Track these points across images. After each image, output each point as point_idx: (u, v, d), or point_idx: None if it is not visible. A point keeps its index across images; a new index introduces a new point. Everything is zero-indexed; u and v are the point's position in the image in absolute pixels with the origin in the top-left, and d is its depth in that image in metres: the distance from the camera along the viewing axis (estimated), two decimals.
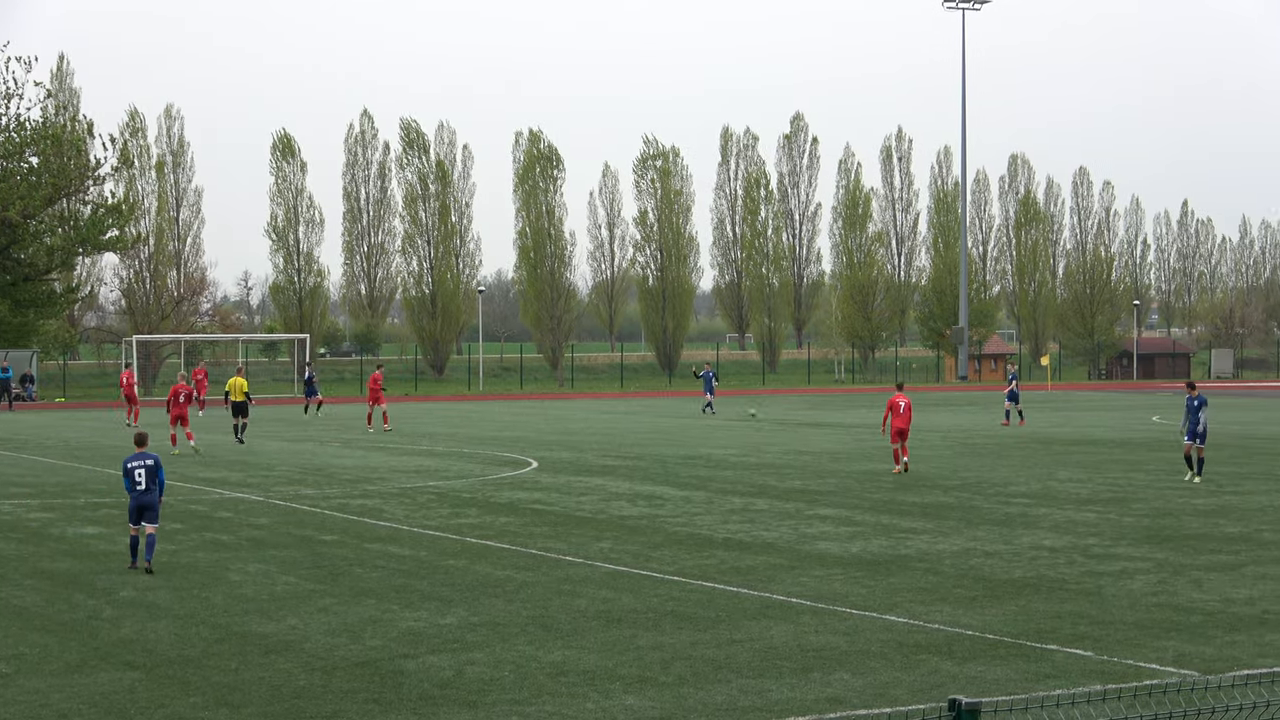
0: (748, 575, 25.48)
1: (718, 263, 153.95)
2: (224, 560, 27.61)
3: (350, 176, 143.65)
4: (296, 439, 59.87)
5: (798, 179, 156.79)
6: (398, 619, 21.76)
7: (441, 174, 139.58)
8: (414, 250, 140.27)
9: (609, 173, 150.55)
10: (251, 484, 41.59)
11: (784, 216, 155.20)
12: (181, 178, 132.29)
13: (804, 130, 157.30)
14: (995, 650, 19.56)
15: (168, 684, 18.03)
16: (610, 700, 17.10)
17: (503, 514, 34.27)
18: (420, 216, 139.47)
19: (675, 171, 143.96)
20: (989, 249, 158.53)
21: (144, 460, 25.96)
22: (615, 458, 49.40)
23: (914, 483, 40.66)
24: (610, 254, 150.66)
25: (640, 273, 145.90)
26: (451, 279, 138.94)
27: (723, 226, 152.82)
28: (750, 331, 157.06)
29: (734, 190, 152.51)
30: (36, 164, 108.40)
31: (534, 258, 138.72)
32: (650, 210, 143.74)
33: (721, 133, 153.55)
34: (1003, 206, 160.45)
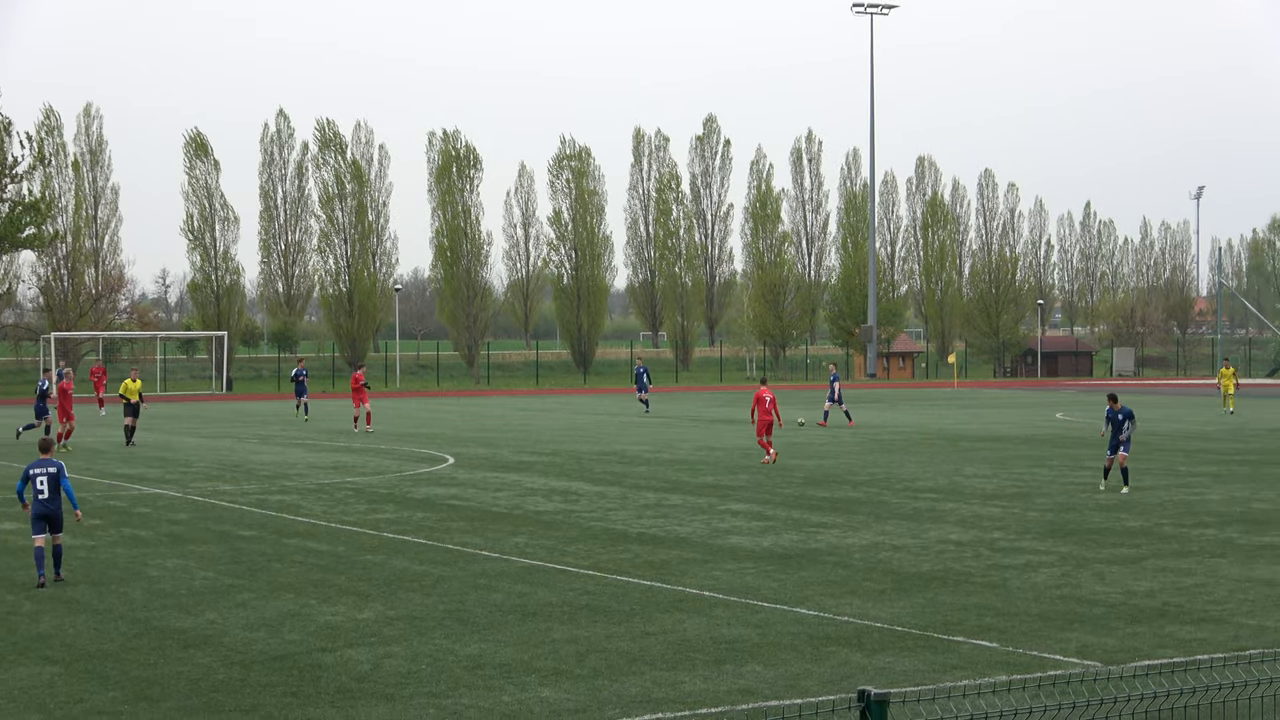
0: (661, 569, 25.53)
1: (631, 262, 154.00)
2: (142, 556, 27.44)
3: (266, 175, 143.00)
4: (214, 435, 59.56)
5: (710, 180, 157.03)
6: (316, 613, 21.69)
7: (357, 173, 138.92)
8: (331, 249, 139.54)
9: (525, 172, 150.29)
10: (170, 480, 41.34)
11: (696, 216, 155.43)
12: (99, 176, 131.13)
13: (716, 132, 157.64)
14: (903, 642, 19.68)
15: (87, 678, 17.92)
16: (526, 693, 17.11)
17: (420, 509, 34.21)
18: (337, 215, 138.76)
19: (589, 171, 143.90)
20: (897, 249, 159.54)
21: (47, 468, 24.19)
22: (531, 454, 49.38)
23: (824, 478, 40.83)
24: (526, 253, 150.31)
25: (555, 271, 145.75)
26: (368, 277, 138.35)
27: (636, 226, 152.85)
28: (664, 329, 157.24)
29: (647, 190, 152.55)
30: None
31: (450, 256, 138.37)
32: (565, 210, 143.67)
33: (634, 134, 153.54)
34: (910, 207, 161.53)
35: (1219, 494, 36.80)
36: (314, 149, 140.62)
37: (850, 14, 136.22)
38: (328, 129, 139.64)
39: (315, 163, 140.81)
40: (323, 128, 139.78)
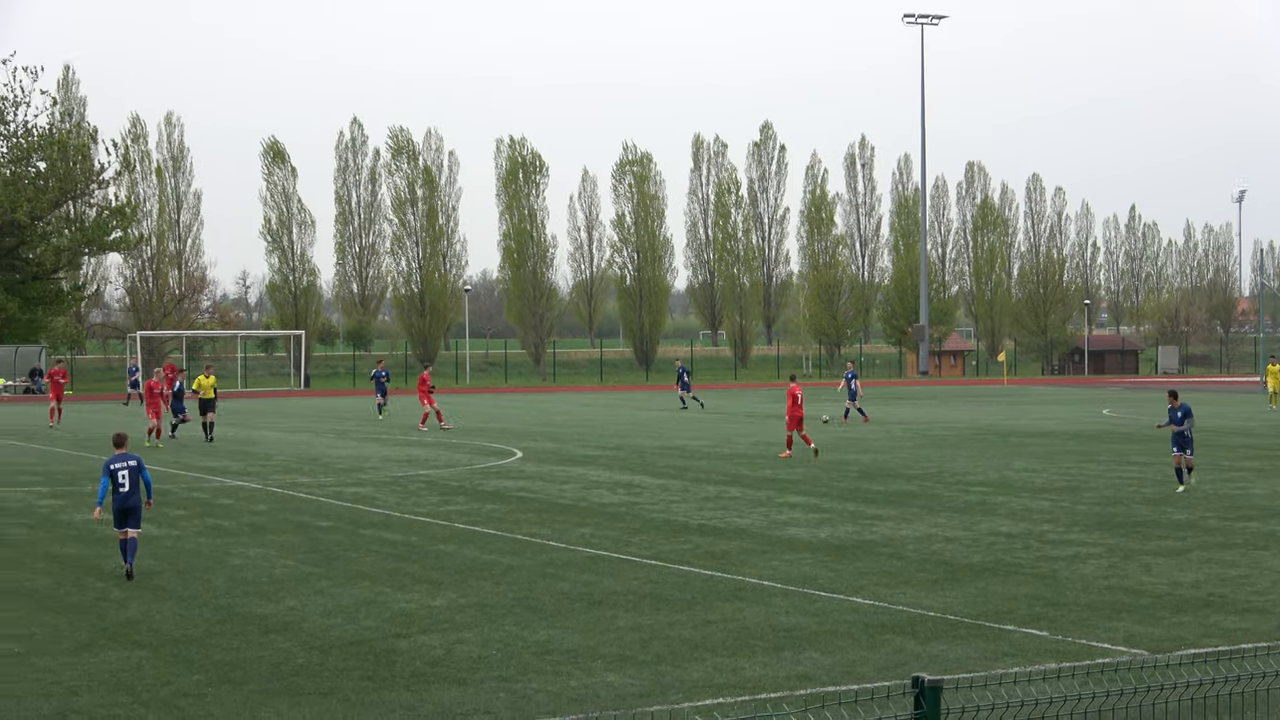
0: (722, 559, 25.52)
1: (691, 263, 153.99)
2: (225, 545, 27.59)
3: (341, 181, 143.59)
4: (292, 430, 59.82)
5: (767, 184, 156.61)
6: (391, 601, 21.77)
7: (429, 179, 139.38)
8: (403, 251, 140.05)
9: (588, 178, 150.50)
10: (251, 473, 41.55)
11: (754, 220, 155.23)
12: (181, 181, 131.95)
13: (773, 138, 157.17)
14: (956, 631, 19.62)
15: (172, 662, 18.03)
16: (592, 677, 17.14)
17: (489, 501, 34.28)
18: (408, 220, 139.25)
19: (651, 176, 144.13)
20: (948, 251, 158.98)
21: (127, 462, 23.90)
22: (596, 448, 49.41)
23: (878, 472, 40.72)
24: (589, 255, 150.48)
25: (618, 273, 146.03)
26: (439, 278, 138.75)
27: (696, 229, 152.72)
28: (723, 328, 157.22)
29: (706, 195, 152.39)
30: (44, 168, 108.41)
31: (517, 258, 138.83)
32: (627, 213, 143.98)
33: (694, 140, 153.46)
34: (960, 211, 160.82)
35: (1263, 488, 36.54)
36: (387, 156, 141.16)
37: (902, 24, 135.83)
38: (400, 136, 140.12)
39: (388, 169, 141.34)
40: (395, 135, 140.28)
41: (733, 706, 15.79)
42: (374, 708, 15.91)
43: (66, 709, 15.86)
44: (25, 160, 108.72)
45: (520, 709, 15.81)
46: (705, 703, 15.98)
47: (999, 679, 13.53)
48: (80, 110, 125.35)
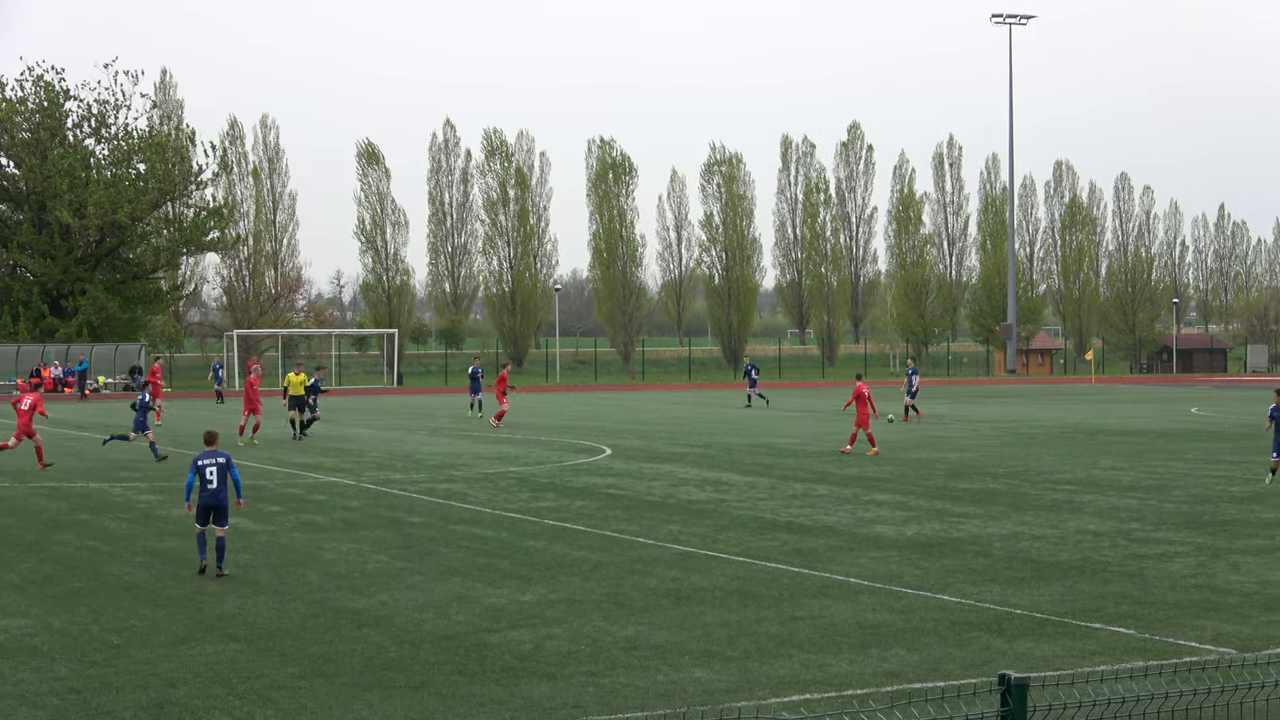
0: (809, 556, 25.45)
1: (779, 262, 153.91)
2: (319, 540, 27.76)
3: (434, 182, 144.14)
4: (385, 427, 60.14)
5: (854, 184, 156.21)
6: (481, 596, 21.83)
7: (521, 180, 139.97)
8: (494, 251, 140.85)
9: (677, 178, 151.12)
10: (344, 469, 41.79)
11: (841, 219, 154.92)
12: (277, 182, 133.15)
13: (860, 138, 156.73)
14: (1043, 628, 19.48)
15: (267, 655, 18.15)
16: (680, 673, 17.12)
17: (579, 498, 34.33)
18: (500, 220, 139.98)
19: (739, 177, 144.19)
20: (1035, 250, 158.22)
21: (215, 458, 23.73)
22: (684, 446, 49.40)
23: (965, 470, 40.50)
24: (678, 254, 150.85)
25: (706, 272, 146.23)
26: (530, 278, 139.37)
27: (784, 228, 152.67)
28: (810, 327, 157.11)
29: (794, 194, 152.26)
30: (143, 170, 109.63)
31: (607, 258, 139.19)
32: (716, 213, 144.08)
33: (782, 140, 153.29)
34: (1048, 210, 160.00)
35: None
36: (480, 157, 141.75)
37: (990, 24, 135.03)
38: (494, 138, 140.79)
39: (481, 170, 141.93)
40: (489, 137, 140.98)
41: (819, 703, 15.73)
42: (464, 701, 15.95)
43: (163, 700, 16.00)
44: (126, 162, 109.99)
45: (608, 704, 15.82)
46: (792, 699, 15.94)
47: (1085, 677, 13.42)
48: (178, 113, 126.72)
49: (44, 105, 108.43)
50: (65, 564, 25.19)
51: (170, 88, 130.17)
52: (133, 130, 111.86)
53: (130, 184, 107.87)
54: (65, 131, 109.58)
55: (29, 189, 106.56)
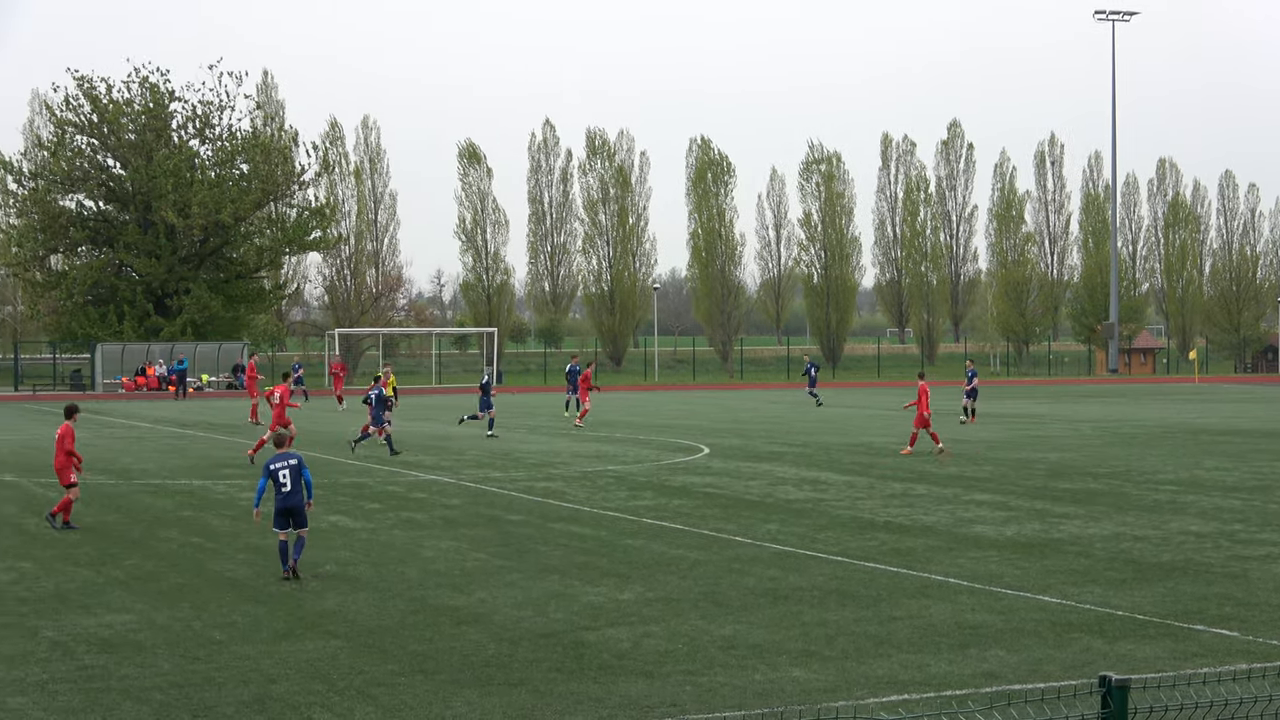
0: (907, 556, 25.32)
1: (878, 261, 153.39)
2: (419, 538, 27.90)
3: (534, 181, 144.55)
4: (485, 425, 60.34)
5: (955, 182, 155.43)
6: (579, 594, 21.86)
7: (621, 179, 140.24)
8: (594, 250, 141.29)
9: (776, 176, 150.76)
10: (444, 467, 41.99)
11: (941, 218, 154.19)
12: (378, 182, 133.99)
13: (960, 136, 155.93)
14: (1144, 630, 19.29)
15: (367, 652, 18.26)
16: (778, 672, 17.08)
17: (677, 497, 34.32)
18: (600, 219, 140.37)
19: (838, 175, 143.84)
20: (1138, 248, 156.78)
21: (288, 461, 23.41)
22: (782, 445, 49.31)
23: (1065, 470, 40.17)
24: (777, 253, 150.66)
25: (805, 271, 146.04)
26: (629, 277, 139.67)
27: (883, 227, 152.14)
28: (910, 326, 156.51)
29: (894, 193, 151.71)
30: (246, 170, 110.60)
31: (705, 257, 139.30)
32: (815, 212, 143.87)
33: (882, 139, 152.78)
34: (1151, 208, 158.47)
35: None
36: (582, 156, 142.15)
37: (1092, 21, 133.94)
38: (596, 137, 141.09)
39: (582, 168, 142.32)
40: (591, 136, 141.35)
41: (918, 703, 15.65)
42: (562, 699, 15.98)
43: (264, 696, 16.13)
44: (229, 163, 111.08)
45: (706, 702, 15.80)
46: (890, 699, 15.86)
47: (1188, 679, 13.28)
48: (281, 114, 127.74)
49: (150, 107, 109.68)
50: (169, 560, 25.47)
51: (272, 89, 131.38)
52: (236, 131, 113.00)
53: (234, 184, 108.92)
54: (170, 133, 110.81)
55: (135, 189, 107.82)
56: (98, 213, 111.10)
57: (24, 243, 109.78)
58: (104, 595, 22.10)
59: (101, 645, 18.65)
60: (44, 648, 18.54)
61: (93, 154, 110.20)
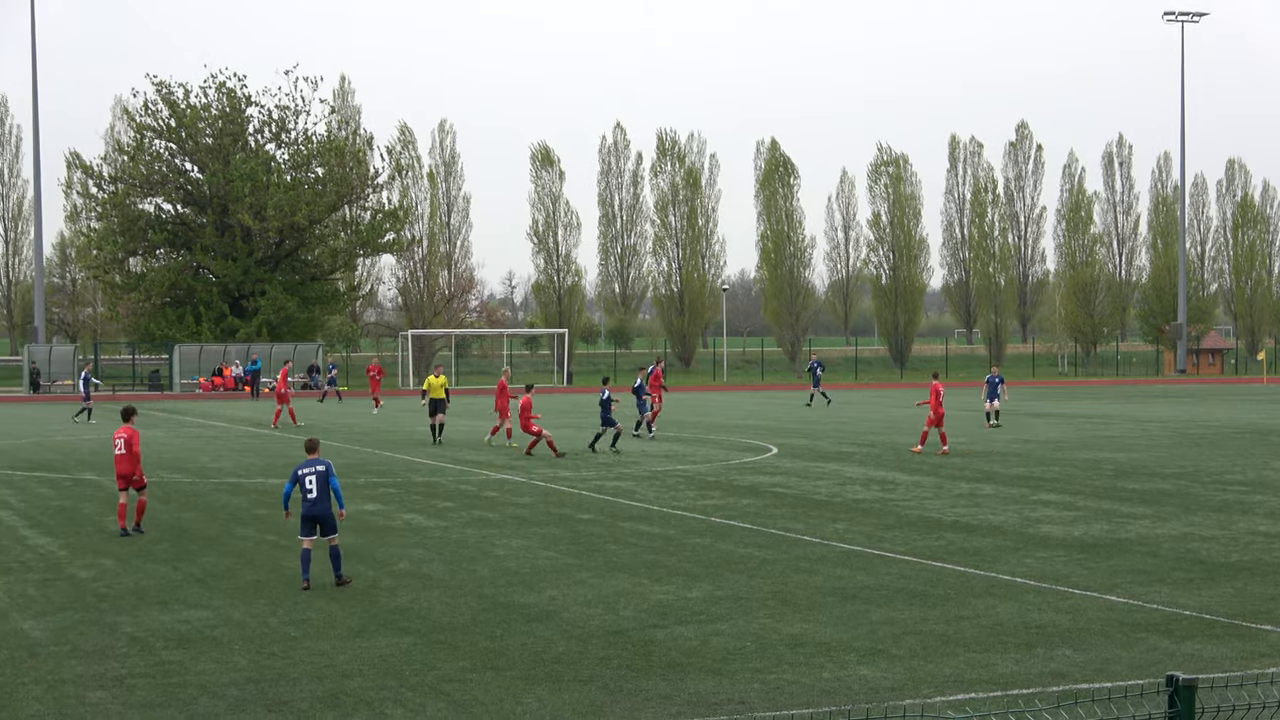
0: (975, 556, 25.22)
1: (946, 262, 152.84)
2: (490, 536, 27.99)
3: (604, 184, 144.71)
4: (555, 425, 60.43)
5: (1023, 183, 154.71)
6: (648, 592, 21.88)
7: (692, 181, 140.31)
8: (664, 252, 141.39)
9: (845, 178, 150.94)
10: (515, 466, 42.10)
11: (1009, 219, 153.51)
12: (452, 186, 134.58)
13: (1028, 138, 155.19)
14: (1212, 630, 19.14)
15: (439, 648, 18.33)
16: (845, 670, 17.05)
17: (745, 496, 34.29)
18: (670, 221, 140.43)
19: (905, 177, 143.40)
20: (1207, 249, 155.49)
21: (315, 467, 22.46)
22: (850, 445, 49.17)
23: (1133, 470, 39.90)
24: (845, 254, 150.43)
25: (874, 272, 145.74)
26: (698, 278, 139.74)
27: (951, 228, 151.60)
28: (977, 327, 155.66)
29: (962, 194, 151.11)
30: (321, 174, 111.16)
31: (774, 259, 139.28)
32: (883, 213, 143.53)
33: (949, 141, 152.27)
34: (1220, 209, 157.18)
35: None
36: (652, 157, 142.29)
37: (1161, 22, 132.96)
38: (666, 139, 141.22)
39: (653, 170, 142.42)
40: (662, 138, 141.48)
41: (984, 702, 15.58)
42: (631, 696, 16.00)
43: (339, 691, 16.22)
44: (305, 166, 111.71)
45: (773, 700, 15.78)
46: (957, 698, 15.81)
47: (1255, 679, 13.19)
48: (356, 118, 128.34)
49: (226, 111, 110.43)
50: (245, 557, 25.65)
51: (348, 94, 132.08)
52: (312, 135, 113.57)
53: (309, 187, 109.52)
54: (247, 137, 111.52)
55: (212, 193, 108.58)
56: (175, 216, 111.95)
57: (104, 246, 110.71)
58: (181, 592, 22.28)
59: (179, 641, 18.81)
60: (123, 643, 18.72)
61: (171, 158, 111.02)
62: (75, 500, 34.54)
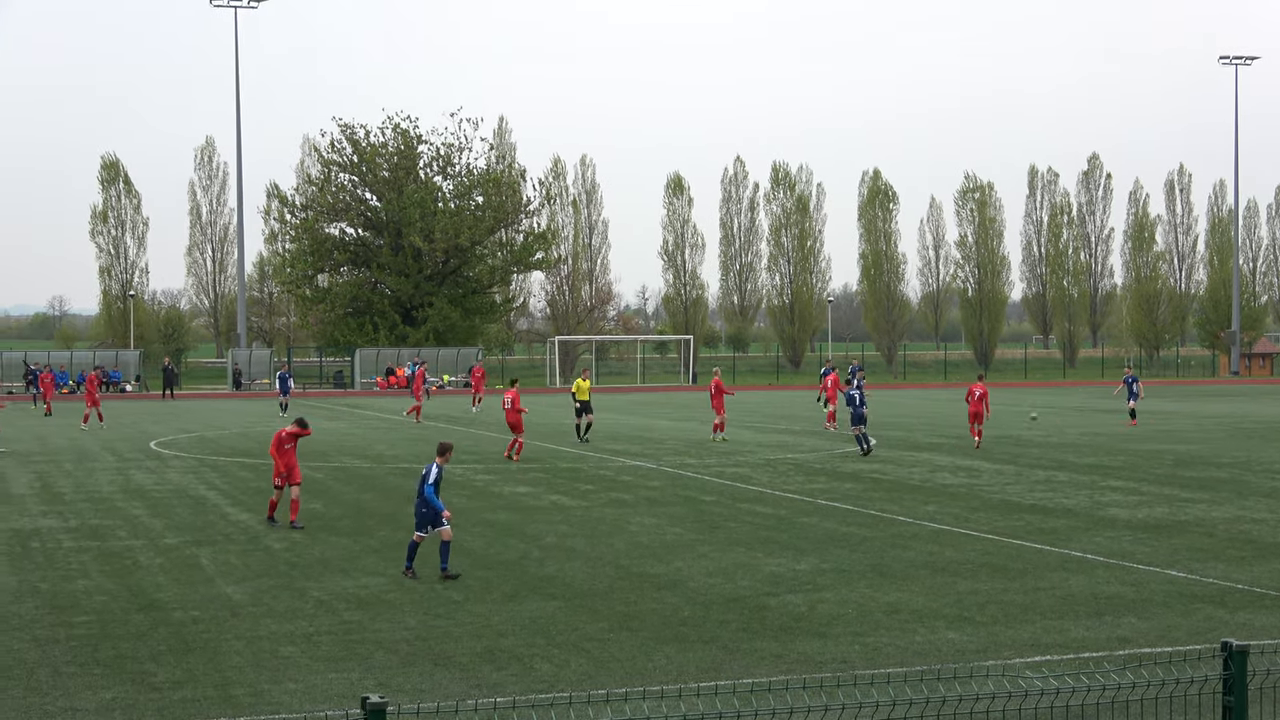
0: (1050, 535, 24.94)
1: (1025, 277, 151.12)
2: (625, 515, 28.05)
3: (725, 210, 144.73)
4: (682, 419, 60.51)
5: (1094, 208, 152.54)
6: (762, 565, 21.83)
7: (801, 206, 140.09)
8: (776, 268, 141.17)
9: (934, 204, 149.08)
10: (647, 454, 42.15)
11: (1082, 239, 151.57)
12: (593, 212, 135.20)
13: (1099, 168, 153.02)
14: (1262, 602, 18.79)
15: (580, 612, 18.39)
16: (935, 635, 16.92)
17: (847, 481, 34.12)
18: (782, 241, 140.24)
19: (989, 202, 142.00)
20: (1258, 265, 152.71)
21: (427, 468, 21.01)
22: (939, 437, 48.76)
23: (1191, 460, 39.24)
24: (936, 270, 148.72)
25: (961, 285, 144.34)
26: (806, 291, 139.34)
27: (1030, 247, 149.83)
28: (1053, 334, 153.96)
29: (1040, 217, 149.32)
30: (481, 202, 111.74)
31: (873, 274, 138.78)
32: (969, 234, 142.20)
33: (1029, 170, 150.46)
34: (1270, 229, 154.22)
35: None
36: (767, 186, 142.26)
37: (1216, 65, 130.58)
38: (780, 170, 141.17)
39: (767, 198, 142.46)
40: (776, 169, 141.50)
41: (1058, 664, 15.41)
42: (748, 655, 15.97)
43: (495, 648, 16.32)
44: (467, 195, 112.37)
45: (871, 660, 15.69)
46: (1034, 659, 15.64)
47: None
48: (512, 154, 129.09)
49: (401, 149, 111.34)
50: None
51: (506, 133, 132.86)
52: (473, 169, 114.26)
53: (470, 214, 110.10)
54: (418, 170, 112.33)
55: (388, 219, 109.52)
56: (357, 238, 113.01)
57: (295, 264, 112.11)
58: (360, 561, 22.52)
59: (358, 603, 19.00)
60: (310, 605, 18.94)
61: (353, 189, 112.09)
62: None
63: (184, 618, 18.16)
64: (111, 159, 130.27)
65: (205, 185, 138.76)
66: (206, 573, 21.54)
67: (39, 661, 15.86)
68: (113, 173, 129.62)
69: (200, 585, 20.49)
